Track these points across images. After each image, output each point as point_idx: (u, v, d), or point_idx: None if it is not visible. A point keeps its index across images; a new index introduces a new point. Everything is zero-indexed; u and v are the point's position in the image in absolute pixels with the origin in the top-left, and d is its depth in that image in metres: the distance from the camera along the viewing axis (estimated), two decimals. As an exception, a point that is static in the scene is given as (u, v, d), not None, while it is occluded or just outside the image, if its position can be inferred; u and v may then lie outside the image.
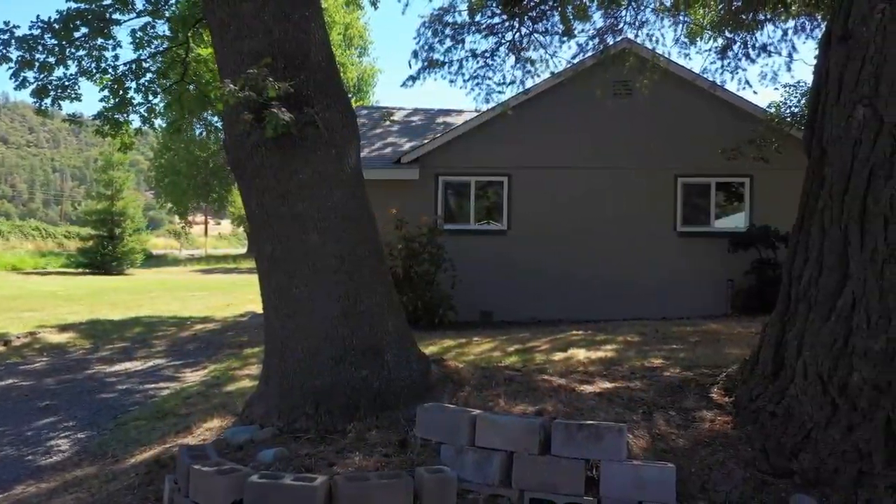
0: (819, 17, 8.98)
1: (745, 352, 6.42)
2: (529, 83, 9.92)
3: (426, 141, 13.93)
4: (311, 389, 5.30)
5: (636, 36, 9.99)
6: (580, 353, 7.63)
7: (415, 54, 9.40)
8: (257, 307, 10.11)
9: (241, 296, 19.38)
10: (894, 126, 4.41)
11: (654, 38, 13.96)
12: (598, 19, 9.61)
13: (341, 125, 5.60)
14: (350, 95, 29.80)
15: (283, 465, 4.49)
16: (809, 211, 4.90)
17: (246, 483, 3.91)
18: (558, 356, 7.55)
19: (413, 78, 9.56)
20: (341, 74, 7.00)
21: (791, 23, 9.47)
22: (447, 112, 17.38)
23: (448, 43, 9.31)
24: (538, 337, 9.53)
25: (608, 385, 5.85)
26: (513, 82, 9.73)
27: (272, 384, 5.53)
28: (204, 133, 37.22)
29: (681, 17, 9.85)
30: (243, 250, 53.57)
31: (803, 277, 4.81)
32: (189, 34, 9.88)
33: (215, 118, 25.55)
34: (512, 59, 9.50)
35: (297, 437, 5.04)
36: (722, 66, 9.82)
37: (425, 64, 9.37)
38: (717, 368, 6.18)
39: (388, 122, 15.27)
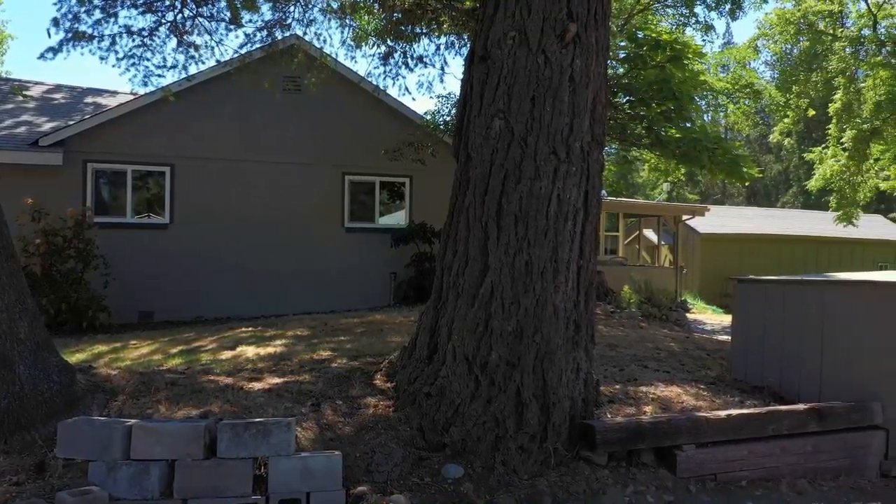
0: (466, 36, 10.07)
1: (405, 339, 6.93)
2: (193, 69, 9.31)
3: (72, 122, 12.32)
4: (-88, 416, 4.35)
5: (305, 34, 10.09)
6: (249, 351, 7.47)
7: (56, 23, 8.17)
8: None
9: None
10: (522, 138, 5.15)
11: (322, 38, 14.29)
12: (266, 12, 9.45)
13: (-46, 95, 4.67)
14: (-30, 62, 25.02)
15: None
16: (458, 209, 5.47)
17: None
18: (226, 354, 7.29)
19: (54, 50, 8.29)
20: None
21: (443, 39, 10.47)
22: (98, 92, 15.57)
23: (97, 14, 8.28)
24: (204, 336, 9.09)
25: (277, 380, 5.84)
26: (175, 66, 9.00)
27: None
28: None
29: (347, 21, 10.21)
30: None
31: (453, 269, 5.36)
32: None
33: None
34: (174, 41, 8.83)
35: None
36: (385, 72, 10.43)
37: (69, 35, 8.20)
38: (380, 357, 6.58)
39: (20, 98, 13.14)
